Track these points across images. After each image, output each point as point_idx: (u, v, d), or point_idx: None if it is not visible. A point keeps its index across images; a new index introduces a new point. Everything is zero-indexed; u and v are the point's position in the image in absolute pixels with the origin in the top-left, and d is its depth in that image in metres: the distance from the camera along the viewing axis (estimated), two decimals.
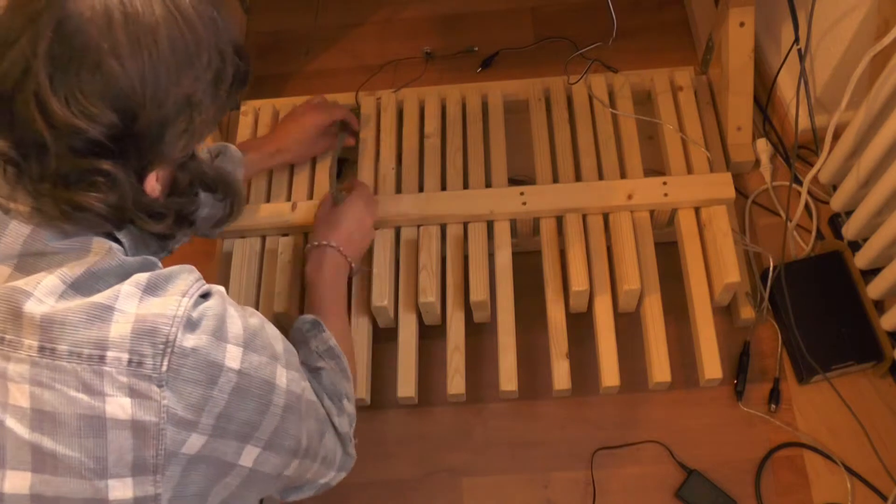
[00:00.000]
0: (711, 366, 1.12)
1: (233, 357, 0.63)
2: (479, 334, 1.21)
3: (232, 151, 1.09)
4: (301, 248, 1.20)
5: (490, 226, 1.20)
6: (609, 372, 1.12)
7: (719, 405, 1.16)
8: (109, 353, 0.59)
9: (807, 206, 1.27)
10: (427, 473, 1.15)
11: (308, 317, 0.93)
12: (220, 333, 0.63)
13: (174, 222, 0.69)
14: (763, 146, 1.32)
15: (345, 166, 1.32)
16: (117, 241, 0.66)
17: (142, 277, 0.62)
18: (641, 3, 1.52)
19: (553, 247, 1.19)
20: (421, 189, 1.24)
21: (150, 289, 0.62)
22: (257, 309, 1.19)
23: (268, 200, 1.25)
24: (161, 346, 0.60)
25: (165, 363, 0.60)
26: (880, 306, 1.15)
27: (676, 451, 1.13)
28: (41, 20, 0.56)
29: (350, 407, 0.88)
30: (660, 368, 1.11)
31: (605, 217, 1.20)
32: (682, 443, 1.14)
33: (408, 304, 1.17)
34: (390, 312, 1.16)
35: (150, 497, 0.61)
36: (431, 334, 1.21)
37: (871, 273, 1.11)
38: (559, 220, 1.20)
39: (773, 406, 1.15)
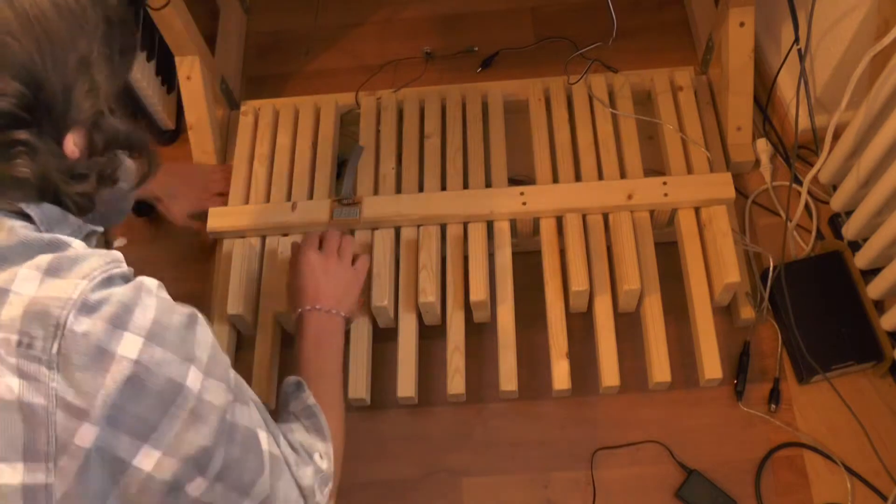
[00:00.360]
0: (711, 366, 1.12)
1: (129, 347, 0.60)
2: (479, 334, 1.21)
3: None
4: None
5: (490, 226, 1.20)
6: (609, 372, 1.12)
7: (719, 405, 1.16)
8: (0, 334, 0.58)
9: (807, 206, 1.27)
10: (427, 473, 1.15)
11: (292, 378, 0.92)
12: (119, 321, 0.61)
13: (98, 181, 0.69)
14: (763, 146, 1.32)
15: (345, 167, 1.32)
16: (26, 217, 0.65)
17: (44, 260, 0.61)
18: (641, 3, 1.52)
19: (553, 247, 1.19)
20: (421, 189, 1.24)
21: (52, 271, 0.60)
22: (258, 308, 1.19)
23: (267, 200, 1.25)
24: (52, 329, 0.58)
25: (55, 346, 0.58)
26: (880, 306, 1.15)
27: (676, 451, 1.13)
28: None
29: (323, 464, 0.83)
30: (660, 368, 1.12)
31: (605, 217, 1.20)
32: (682, 443, 1.14)
33: (408, 304, 1.17)
34: (390, 312, 1.16)
35: (40, 486, 0.59)
36: (431, 334, 1.21)
37: (871, 273, 1.11)
38: (559, 220, 1.20)
39: (773, 406, 1.15)
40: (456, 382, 1.13)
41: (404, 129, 1.30)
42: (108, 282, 0.62)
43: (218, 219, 1.23)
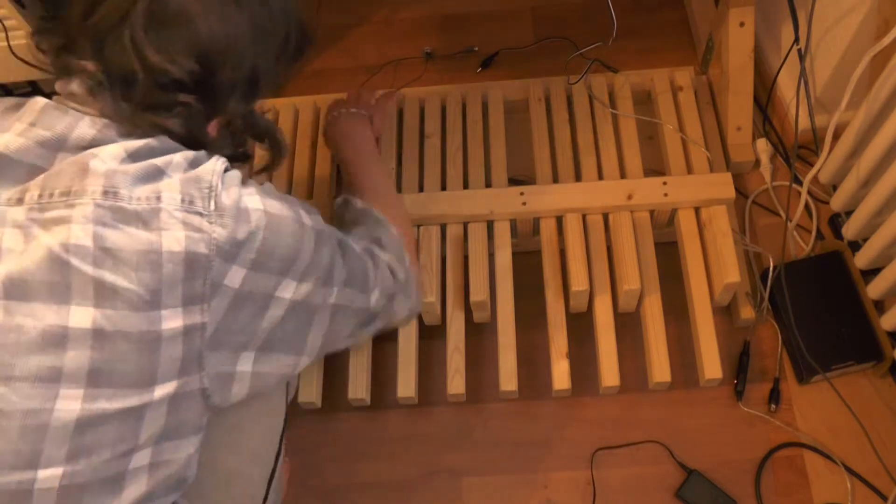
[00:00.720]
0: (711, 366, 1.12)
1: (255, 201, 0.71)
2: (479, 334, 1.21)
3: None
4: None
5: (490, 226, 1.20)
6: (609, 372, 1.12)
7: (719, 405, 1.16)
8: (164, 195, 0.67)
9: (807, 206, 1.27)
10: (427, 473, 1.15)
11: (338, 199, 1.03)
12: (244, 185, 0.72)
13: (229, 158, 0.76)
14: (763, 146, 1.32)
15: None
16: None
17: (189, 153, 0.71)
18: (641, 3, 1.52)
19: (553, 247, 1.19)
20: (421, 189, 1.24)
21: (194, 163, 0.70)
22: None
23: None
24: (206, 190, 0.68)
25: (212, 203, 0.68)
26: (880, 306, 1.15)
27: (676, 451, 1.13)
28: None
29: (393, 245, 0.94)
30: (660, 368, 1.12)
31: (605, 217, 1.20)
32: (682, 443, 1.14)
33: None
34: None
35: (197, 326, 0.68)
36: (431, 334, 1.21)
37: (871, 273, 1.10)
38: (559, 220, 1.20)
39: (773, 406, 1.15)
40: (456, 382, 1.13)
41: (404, 129, 1.30)
42: (230, 167, 0.74)
43: None
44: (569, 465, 1.14)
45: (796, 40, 1.09)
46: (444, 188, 1.24)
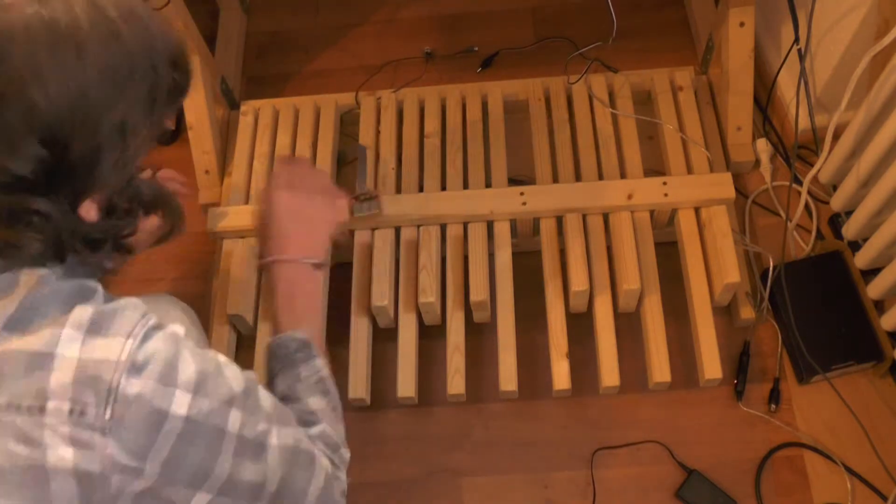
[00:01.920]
0: (711, 366, 1.12)
1: (180, 404, 0.61)
2: (479, 334, 1.21)
3: None
4: None
5: (490, 226, 1.20)
6: (609, 372, 1.12)
7: (719, 405, 1.16)
8: (50, 404, 0.57)
9: (807, 206, 1.27)
10: (427, 473, 1.15)
11: (295, 336, 0.82)
12: (167, 378, 0.61)
13: (113, 248, 0.66)
14: (763, 146, 1.32)
15: (342, 167, 1.32)
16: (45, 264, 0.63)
17: (83, 317, 0.60)
18: (641, 4, 1.52)
19: (553, 247, 1.19)
20: (421, 189, 1.24)
21: (93, 330, 0.59)
22: (257, 308, 1.19)
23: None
24: (104, 394, 0.58)
25: (109, 411, 0.58)
26: (880, 306, 1.15)
27: (676, 451, 1.13)
28: None
29: (346, 454, 0.81)
30: (660, 368, 1.12)
31: (605, 217, 1.20)
32: (682, 443, 1.14)
33: (408, 304, 1.17)
34: (390, 312, 1.16)
35: None
36: (431, 334, 1.20)
37: (871, 273, 1.11)
38: (559, 220, 1.20)
39: (773, 406, 1.15)
40: (456, 382, 1.13)
41: (404, 130, 1.30)
42: (148, 336, 0.61)
43: (218, 219, 1.23)
44: (569, 465, 1.14)
45: (796, 40, 1.09)
46: (444, 188, 1.24)
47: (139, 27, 0.60)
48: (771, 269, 1.19)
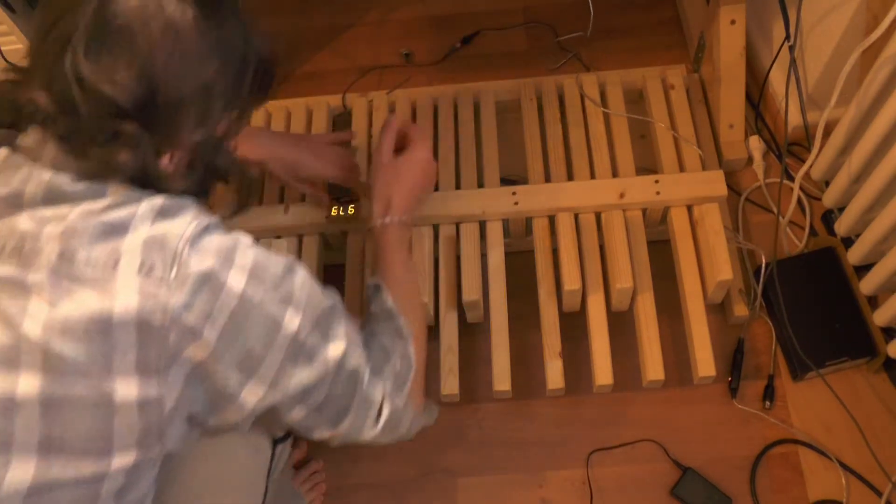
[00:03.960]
0: (705, 363, 1.12)
1: (236, 280, 0.66)
2: (473, 334, 1.21)
3: None
4: (295, 250, 1.20)
5: (482, 226, 1.20)
6: (603, 371, 1.12)
7: (713, 403, 1.16)
8: (123, 259, 0.63)
9: (800, 203, 1.27)
10: (422, 474, 1.15)
11: (372, 281, 0.93)
12: (225, 256, 0.67)
13: (192, 189, 0.72)
14: (755, 143, 1.32)
15: None
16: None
17: (157, 201, 0.66)
18: (633, 2, 1.52)
19: (545, 246, 1.19)
20: None
21: (163, 213, 0.66)
22: None
23: (261, 203, 1.25)
24: (171, 257, 0.64)
25: (174, 271, 0.63)
26: (873, 302, 1.15)
27: (671, 449, 1.13)
28: (86, 1, 0.63)
29: (398, 364, 0.85)
30: (653, 367, 1.11)
31: (598, 216, 1.20)
32: (676, 441, 1.14)
33: None
34: None
35: (153, 399, 0.65)
36: None
37: (864, 269, 1.11)
38: (551, 220, 1.20)
39: (767, 403, 1.15)
40: (450, 383, 1.13)
41: None
42: (211, 227, 0.68)
43: None
44: (564, 464, 1.14)
45: (787, 37, 1.09)
46: (436, 188, 1.24)
47: (238, 20, 0.70)
48: (764, 266, 1.19)
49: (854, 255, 1.11)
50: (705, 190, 1.18)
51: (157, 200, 0.66)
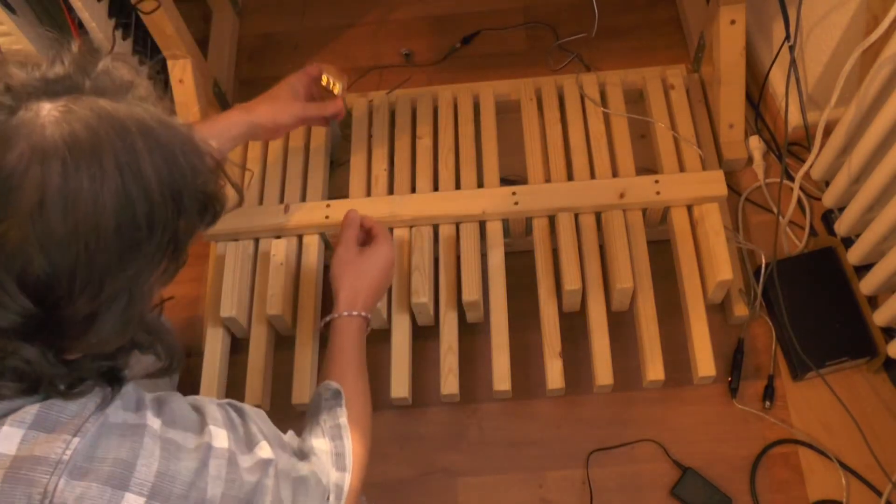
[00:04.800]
0: (705, 363, 1.12)
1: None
2: (473, 334, 1.21)
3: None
4: (295, 250, 1.20)
5: (482, 226, 1.20)
6: (603, 371, 1.12)
7: (713, 403, 1.16)
8: None
9: (800, 203, 1.27)
10: (422, 474, 1.15)
11: (333, 386, 0.86)
12: (117, 481, 0.54)
13: (96, 385, 0.58)
14: (755, 143, 1.32)
15: (334, 168, 1.32)
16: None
17: (29, 411, 0.53)
18: (633, 2, 1.52)
19: (545, 246, 1.19)
20: (413, 190, 1.24)
21: (38, 424, 0.53)
22: (251, 311, 1.19)
23: (260, 203, 1.25)
24: (38, 500, 0.51)
25: None
26: (873, 302, 1.15)
27: (671, 449, 1.13)
28: None
29: (331, 497, 0.78)
30: (653, 367, 1.11)
31: (598, 216, 1.20)
32: (676, 441, 1.14)
33: (401, 304, 1.17)
34: (383, 314, 1.16)
35: None
36: (425, 335, 1.20)
37: (863, 269, 1.11)
38: (551, 220, 1.20)
39: (767, 403, 1.15)
40: (450, 383, 1.13)
41: (396, 131, 1.30)
42: (105, 430, 0.55)
43: None
44: (564, 464, 1.14)
45: (787, 37, 1.09)
46: (436, 189, 1.24)
47: (177, 173, 0.54)
48: (764, 266, 1.19)
49: (854, 255, 1.11)
50: (705, 190, 1.18)
51: (32, 408, 0.53)
